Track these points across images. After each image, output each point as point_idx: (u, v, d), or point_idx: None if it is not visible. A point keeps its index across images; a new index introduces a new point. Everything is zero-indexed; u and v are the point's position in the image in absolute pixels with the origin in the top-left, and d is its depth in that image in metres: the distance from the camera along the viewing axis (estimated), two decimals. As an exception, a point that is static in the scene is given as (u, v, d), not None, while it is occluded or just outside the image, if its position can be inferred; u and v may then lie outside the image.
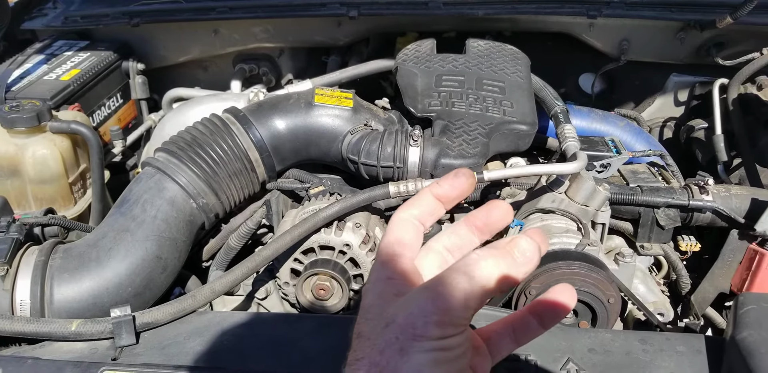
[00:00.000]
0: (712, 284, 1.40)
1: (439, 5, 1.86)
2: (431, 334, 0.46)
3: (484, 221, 0.55)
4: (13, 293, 1.12)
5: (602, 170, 1.44)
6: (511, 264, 0.47)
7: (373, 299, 0.51)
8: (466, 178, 0.54)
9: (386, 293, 0.51)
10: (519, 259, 0.47)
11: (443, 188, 0.55)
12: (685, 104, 2.08)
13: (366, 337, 0.49)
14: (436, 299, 0.46)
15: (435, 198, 0.55)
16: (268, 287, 1.42)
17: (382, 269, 0.53)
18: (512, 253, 0.47)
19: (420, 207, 0.55)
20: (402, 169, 1.34)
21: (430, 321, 0.46)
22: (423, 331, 0.46)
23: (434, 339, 0.46)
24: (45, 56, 1.91)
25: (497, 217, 0.54)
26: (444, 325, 0.46)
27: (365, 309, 0.52)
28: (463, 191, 0.55)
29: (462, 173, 0.54)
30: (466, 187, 0.55)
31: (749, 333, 0.90)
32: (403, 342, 0.46)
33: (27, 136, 1.53)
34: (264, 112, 1.41)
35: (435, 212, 0.55)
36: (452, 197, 0.55)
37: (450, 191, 0.54)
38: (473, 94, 1.45)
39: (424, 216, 0.55)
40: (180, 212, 1.29)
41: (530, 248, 0.48)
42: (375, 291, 0.52)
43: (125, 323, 1.01)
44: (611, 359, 0.95)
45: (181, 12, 1.96)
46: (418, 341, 0.46)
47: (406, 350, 0.46)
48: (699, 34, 1.91)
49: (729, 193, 1.42)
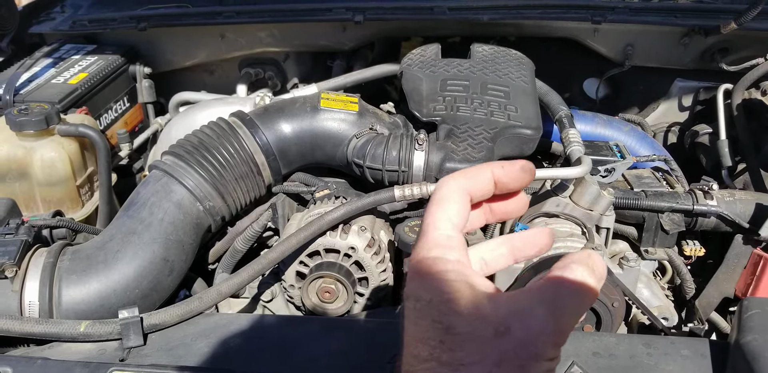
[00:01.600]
0: (716, 288, 1.40)
1: (444, 10, 1.87)
2: (548, 355, 0.45)
3: (523, 244, 0.54)
4: (22, 295, 1.13)
5: (606, 175, 1.44)
6: (598, 282, 0.48)
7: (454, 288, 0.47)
8: (529, 176, 0.52)
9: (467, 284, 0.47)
10: (600, 275, 0.48)
11: (506, 173, 0.52)
12: (689, 109, 2.09)
13: (467, 337, 0.45)
14: (557, 319, 0.45)
15: (492, 178, 0.52)
16: (273, 290, 1.42)
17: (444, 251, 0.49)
18: (594, 272, 0.48)
19: (475, 181, 0.52)
20: (407, 173, 1.34)
21: (549, 341, 0.45)
22: (542, 351, 0.45)
23: (548, 360, 0.45)
24: (53, 60, 1.92)
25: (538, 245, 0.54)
26: (558, 346, 0.46)
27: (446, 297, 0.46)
28: (520, 185, 0.53)
29: (529, 169, 0.52)
30: (524, 183, 0.53)
31: (753, 337, 0.90)
32: (525, 360, 0.44)
33: (35, 139, 1.54)
34: (270, 116, 1.42)
35: (488, 192, 0.53)
36: (508, 187, 0.53)
37: (511, 181, 0.52)
38: (478, 98, 1.45)
39: (476, 191, 0.52)
40: (187, 215, 1.30)
41: (603, 264, 0.49)
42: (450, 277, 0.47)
43: (133, 325, 1.02)
44: (616, 363, 0.96)
45: (188, 16, 1.98)
46: (537, 361, 0.45)
47: (526, 369, 0.44)
48: (703, 40, 1.91)
49: (733, 198, 1.43)
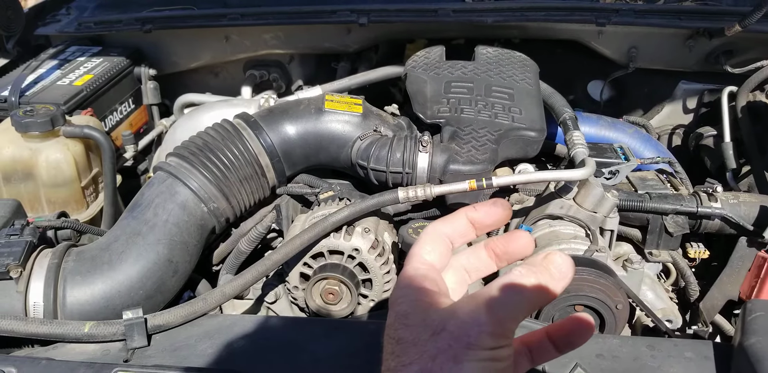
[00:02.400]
0: (720, 291, 1.40)
1: (449, 12, 1.87)
2: (485, 344, 0.48)
3: (504, 249, 0.56)
4: (26, 295, 1.13)
5: (611, 177, 1.44)
6: (549, 280, 0.49)
7: (410, 306, 0.52)
8: (503, 210, 0.56)
9: (422, 302, 0.52)
10: (556, 275, 0.50)
11: (479, 213, 0.56)
12: (693, 112, 2.08)
13: (411, 343, 0.50)
14: (491, 311, 0.48)
15: (469, 221, 0.56)
16: (277, 291, 1.42)
17: (413, 279, 0.54)
18: (549, 269, 0.50)
19: (453, 226, 0.56)
20: (411, 175, 1.34)
21: (485, 331, 0.48)
22: (477, 340, 0.47)
23: (487, 349, 0.48)
24: (58, 62, 1.93)
25: (518, 247, 0.56)
26: (497, 336, 0.48)
27: (402, 315, 0.52)
28: (497, 221, 0.56)
29: (501, 204, 0.56)
30: (501, 217, 0.56)
31: (757, 340, 0.90)
32: (457, 350, 0.47)
33: (41, 140, 1.54)
34: (274, 118, 1.42)
35: (466, 234, 0.57)
36: (486, 224, 0.56)
37: (485, 217, 0.56)
38: (482, 100, 1.45)
39: (455, 236, 0.57)
40: (191, 216, 1.31)
41: (565, 263, 0.50)
42: (409, 298, 0.53)
43: (137, 326, 1.02)
44: (619, 365, 0.96)
45: (193, 18, 1.99)
46: (472, 349, 0.47)
47: (460, 358, 0.47)
48: (708, 42, 1.91)
49: (738, 200, 1.42)
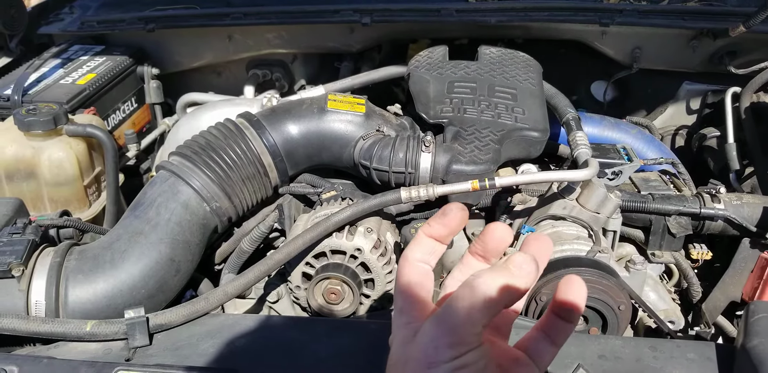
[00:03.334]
0: (723, 292, 1.40)
1: (452, 12, 1.87)
2: (444, 357, 0.47)
3: (482, 248, 0.56)
4: (28, 294, 1.13)
5: (614, 178, 1.44)
6: (508, 277, 0.48)
7: (396, 347, 0.53)
8: (454, 214, 0.56)
9: (407, 338, 0.52)
10: (515, 271, 0.48)
11: (434, 227, 0.57)
12: (697, 112, 2.08)
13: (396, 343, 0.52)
14: (441, 323, 0.48)
15: (430, 238, 0.57)
16: (279, 291, 1.42)
17: (400, 316, 0.55)
18: (508, 267, 0.49)
19: (420, 249, 0.57)
20: (414, 175, 1.34)
21: (440, 345, 0.47)
22: (435, 357, 0.47)
23: (448, 361, 0.47)
24: (61, 60, 1.93)
25: (494, 240, 0.56)
26: (454, 345, 0.47)
27: (390, 358, 0.53)
28: (454, 227, 0.56)
29: (449, 210, 0.56)
30: (456, 222, 0.56)
31: (760, 341, 0.90)
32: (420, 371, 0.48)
33: (43, 139, 1.54)
34: (277, 118, 1.42)
35: (435, 251, 0.58)
36: (445, 234, 0.57)
37: (441, 229, 0.56)
38: (485, 100, 1.45)
39: (426, 257, 0.57)
40: (193, 216, 1.31)
41: (525, 260, 0.49)
42: (397, 339, 0.54)
43: (139, 325, 1.02)
44: (621, 366, 0.95)
45: (196, 18, 1.99)
46: (432, 367, 0.47)
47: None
48: (712, 43, 1.91)
49: (741, 201, 1.42)
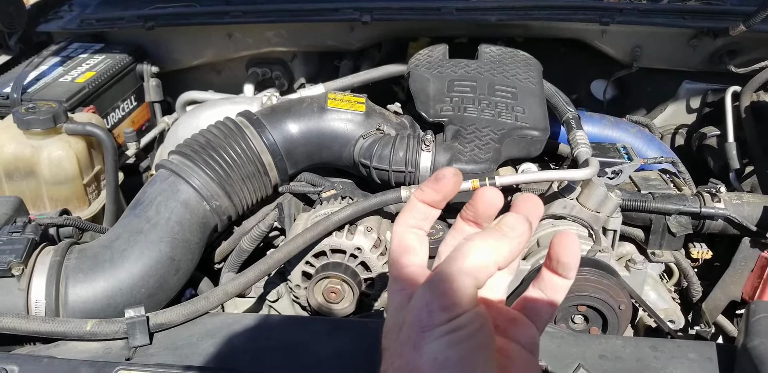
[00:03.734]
0: (723, 291, 1.40)
1: (452, 11, 1.86)
2: (437, 320, 0.46)
3: (473, 212, 0.55)
4: (28, 293, 1.13)
5: (614, 177, 1.44)
6: (500, 237, 0.47)
7: (391, 313, 0.52)
8: (447, 179, 0.54)
9: (401, 304, 0.52)
10: (507, 231, 0.48)
11: (426, 192, 0.55)
12: (697, 111, 2.08)
13: (387, 349, 0.51)
14: (433, 287, 0.47)
15: (423, 203, 0.56)
16: (279, 290, 1.42)
17: (393, 283, 0.54)
18: (500, 228, 0.48)
19: (412, 215, 0.56)
20: (414, 174, 1.34)
21: (434, 308, 0.46)
22: (428, 320, 0.46)
23: (442, 324, 0.46)
24: (60, 59, 1.92)
25: (485, 204, 0.54)
26: (447, 307, 0.46)
27: (385, 326, 0.53)
28: (448, 192, 0.55)
29: (442, 175, 0.55)
30: (449, 188, 0.54)
31: (761, 341, 0.90)
32: (415, 338, 0.47)
33: (43, 137, 1.54)
34: (277, 116, 1.42)
35: (428, 216, 0.56)
36: (438, 200, 0.55)
37: (433, 194, 0.55)
38: (485, 99, 1.45)
39: (419, 222, 0.56)
40: (193, 214, 1.30)
41: (517, 220, 0.48)
42: (392, 305, 0.53)
43: (139, 324, 1.02)
44: (622, 366, 0.95)
45: (196, 16, 1.98)
46: (426, 331, 0.46)
47: (419, 344, 0.46)
48: (712, 42, 1.91)
49: (741, 200, 1.42)
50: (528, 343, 0.55)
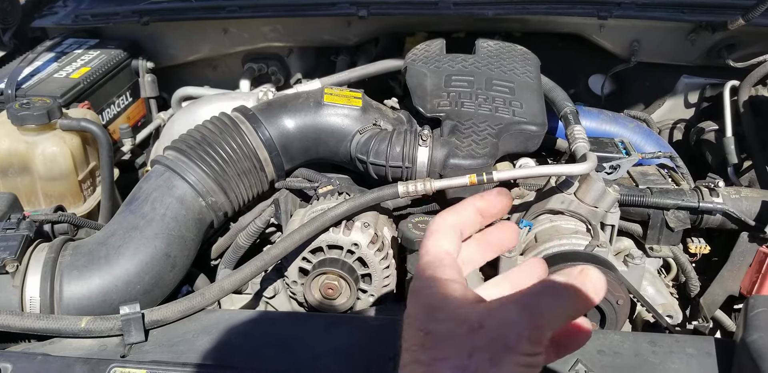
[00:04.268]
0: (721, 286, 1.40)
1: (449, 5, 1.86)
2: (523, 349, 0.47)
3: (488, 239, 0.58)
4: (23, 290, 1.12)
5: (612, 172, 1.43)
6: (587, 293, 0.49)
7: (439, 299, 0.51)
8: (507, 198, 0.56)
9: (452, 296, 0.51)
10: (591, 289, 0.49)
11: (485, 202, 0.56)
12: (695, 106, 2.07)
13: (444, 337, 0.49)
14: (532, 316, 0.47)
15: (476, 211, 0.56)
16: (276, 286, 1.42)
17: (438, 269, 0.53)
18: (585, 283, 0.49)
19: (461, 216, 0.56)
20: (411, 169, 1.34)
21: (524, 336, 0.47)
22: (516, 344, 0.47)
23: (524, 354, 0.47)
24: (55, 54, 1.91)
25: (502, 238, 0.58)
26: (534, 342, 0.47)
27: (431, 307, 0.51)
28: (502, 209, 0.56)
29: (505, 192, 0.56)
30: (505, 205, 0.56)
31: (760, 336, 0.90)
32: (495, 351, 0.47)
33: (37, 133, 1.53)
34: (273, 112, 1.41)
35: (475, 223, 0.57)
36: (491, 213, 0.56)
37: (491, 206, 0.56)
38: (483, 94, 1.44)
39: (465, 225, 0.56)
40: (189, 210, 1.30)
41: (600, 280, 0.50)
42: (437, 291, 0.52)
43: (134, 321, 1.02)
44: (620, 361, 0.95)
45: (191, 11, 1.97)
46: (509, 352, 0.47)
47: (498, 360, 0.46)
48: (710, 36, 1.90)
49: (739, 195, 1.42)
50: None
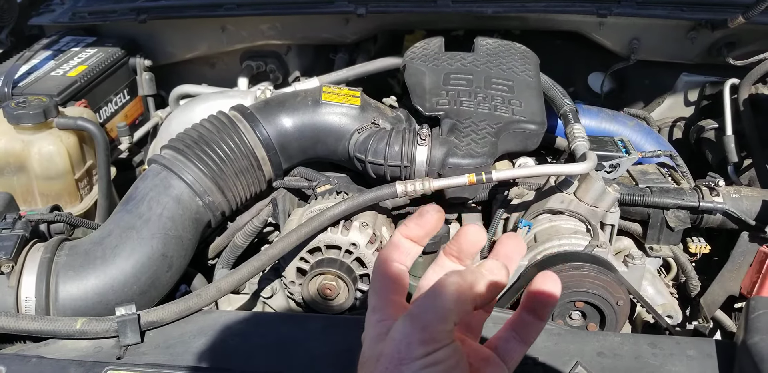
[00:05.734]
0: (721, 286, 1.39)
1: (448, 3, 1.85)
2: (415, 354, 0.48)
3: (457, 249, 0.58)
4: (18, 290, 1.12)
5: (611, 171, 1.43)
6: (479, 278, 0.50)
7: (369, 344, 0.54)
8: (430, 216, 0.57)
9: (380, 335, 0.53)
10: (486, 274, 0.51)
11: (411, 228, 0.58)
12: (695, 104, 2.06)
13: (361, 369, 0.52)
14: (413, 320, 0.49)
15: (406, 239, 0.58)
16: (274, 286, 1.41)
17: (373, 313, 0.56)
18: (480, 270, 0.51)
19: (396, 250, 0.58)
20: (409, 169, 1.33)
21: (413, 341, 0.48)
22: (407, 353, 0.48)
23: (420, 358, 0.48)
24: (52, 52, 1.90)
25: (468, 242, 0.57)
26: (426, 342, 0.48)
27: (362, 355, 0.54)
28: (431, 228, 0.58)
29: (426, 211, 0.57)
30: (432, 224, 0.57)
31: (761, 338, 0.89)
32: (392, 370, 0.48)
33: (33, 132, 1.52)
34: (271, 110, 1.40)
35: (411, 252, 0.59)
36: (421, 235, 0.58)
37: (417, 230, 0.58)
38: (482, 93, 1.43)
39: (402, 257, 0.58)
40: (186, 210, 1.29)
41: (496, 266, 0.52)
42: (369, 336, 0.55)
43: (130, 322, 1.01)
44: (621, 363, 0.94)
45: (189, 8, 1.96)
46: (404, 364, 0.48)
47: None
48: (710, 34, 1.89)
49: (739, 194, 1.41)
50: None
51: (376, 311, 0.56)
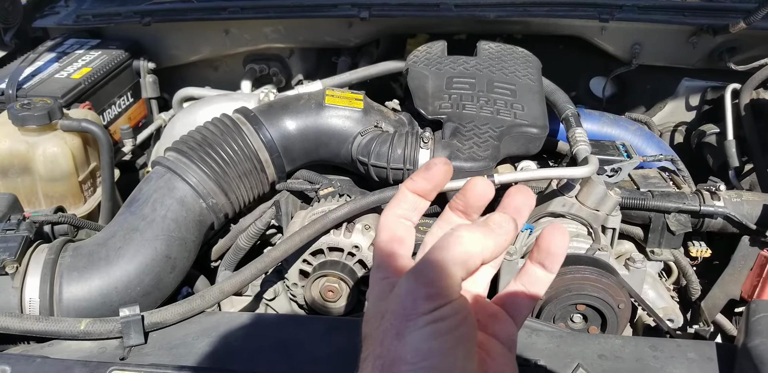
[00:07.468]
0: (722, 290, 1.39)
1: (451, 7, 1.85)
2: (422, 309, 0.46)
3: (463, 203, 0.55)
4: (22, 291, 1.12)
5: (613, 175, 1.43)
6: (487, 232, 0.48)
7: (372, 301, 0.52)
8: (438, 168, 0.55)
9: (383, 293, 0.51)
10: (494, 227, 0.48)
11: (417, 182, 0.55)
12: (696, 109, 2.07)
13: (368, 336, 0.50)
14: (419, 276, 0.47)
15: (413, 193, 0.56)
16: (276, 288, 1.41)
17: (377, 271, 0.54)
18: (487, 223, 0.49)
19: (401, 205, 0.56)
20: (412, 172, 1.33)
21: (418, 297, 0.46)
22: (413, 309, 0.46)
23: (426, 313, 0.46)
24: (56, 54, 1.91)
25: (475, 195, 0.54)
26: (432, 297, 0.46)
27: (365, 312, 0.53)
28: (439, 181, 0.55)
29: (433, 164, 0.55)
30: (440, 177, 0.55)
31: (762, 341, 0.89)
32: (398, 326, 0.46)
33: (38, 134, 1.53)
34: (274, 113, 1.41)
35: (417, 207, 0.56)
36: (429, 189, 0.55)
37: (425, 184, 0.55)
38: (484, 96, 1.44)
39: (408, 213, 0.56)
40: (189, 212, 1.29)
41: (504, 219, 0.49)
42: (373, 294, 0.53)
43: (134, 323, 1.01)
44: (621, 366, 0.95)
45: (193, 11, 1.97)
46: (410, 319, 0.46)
47: (402, 333, 0.46)
48: (712, 39, 1.90)
49: (740, 199, 1.41)
50: (507, 340, 0.55)
51: (381, 269, 0.54)
